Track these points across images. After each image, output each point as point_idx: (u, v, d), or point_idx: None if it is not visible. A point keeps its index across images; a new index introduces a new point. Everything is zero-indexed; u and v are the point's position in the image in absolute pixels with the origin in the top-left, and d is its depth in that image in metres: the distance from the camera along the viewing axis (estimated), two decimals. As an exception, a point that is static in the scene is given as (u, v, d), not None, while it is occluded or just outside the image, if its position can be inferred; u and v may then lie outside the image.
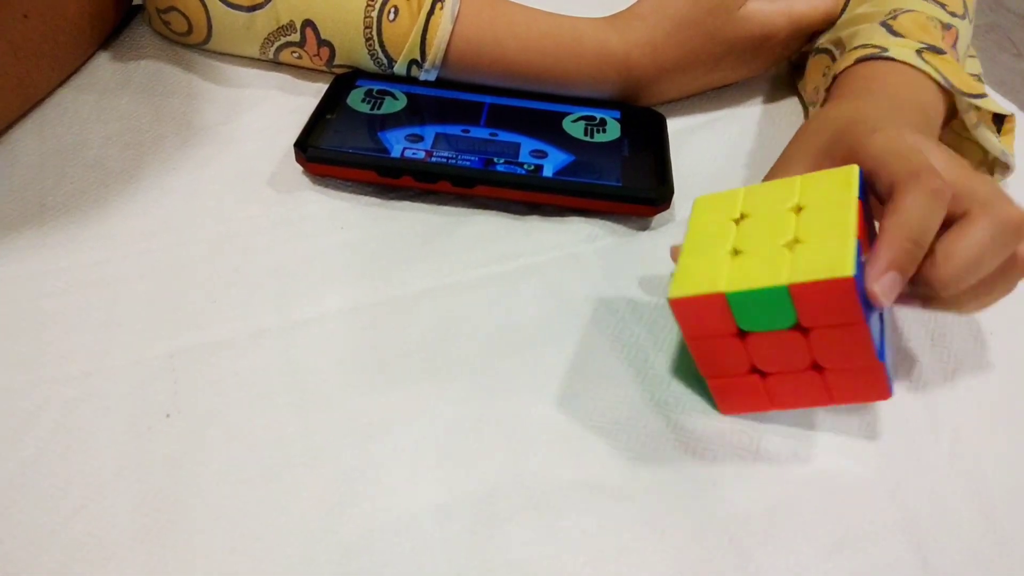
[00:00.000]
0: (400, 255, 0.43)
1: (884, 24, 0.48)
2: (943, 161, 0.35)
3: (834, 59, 0.51)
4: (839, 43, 0.51)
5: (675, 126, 0.52)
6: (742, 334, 0.33)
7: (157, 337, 0.39)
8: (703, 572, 0.32)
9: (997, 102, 0.45)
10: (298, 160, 0.46)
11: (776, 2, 0.51)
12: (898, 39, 0.47)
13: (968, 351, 0.41)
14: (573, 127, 0.49)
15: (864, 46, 0.47)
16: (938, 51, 0.46)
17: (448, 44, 0.49)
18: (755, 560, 0.32)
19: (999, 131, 0.46)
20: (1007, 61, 1.89)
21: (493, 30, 0.49)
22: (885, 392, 0.33)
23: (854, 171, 0.34)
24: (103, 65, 0.54)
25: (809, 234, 0.32)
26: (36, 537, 0.32)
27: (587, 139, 0.48)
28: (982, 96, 0.45)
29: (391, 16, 0.48)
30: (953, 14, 0.50)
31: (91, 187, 0.45)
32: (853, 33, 0.50)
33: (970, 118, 0.46)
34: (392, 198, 0.46)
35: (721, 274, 0.33)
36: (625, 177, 0.46)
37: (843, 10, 0.54)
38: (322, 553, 0.32)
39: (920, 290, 0.34)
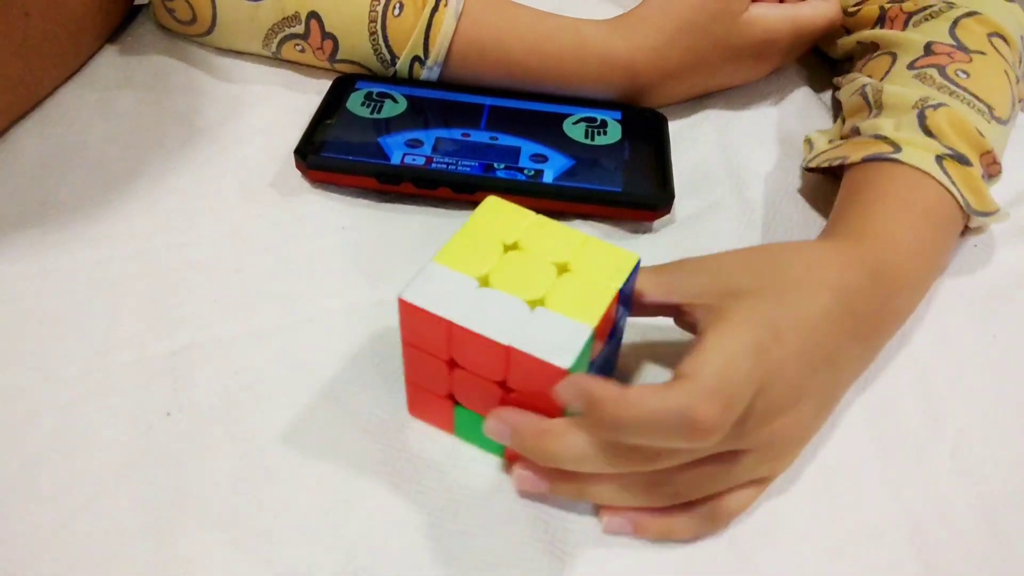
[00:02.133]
0: (400, 255, 0.43)
1: (920, 114, 0.43)
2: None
3: (870, 108, 0.47)
4: (879, 103, 0.46)
5: (676, 127, 0.52)
6: (453, 363, 0.32)
7: (158, 336, 0.39)
8: (703, 572, 0.32)
9: (1008, 213, 0.43)
10: (298, 167, 0.46)
11: (779, 7, 0.51)
12: (924, 139, 0.42)
13: (971, 352, 0.41)
14: (574, 130, 0.49)
15: (880, 138, 0.43)
16: (965, 161, 0.42)
17: (451, 42, 0.49)
18: (755, 560, 0.32)
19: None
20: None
21: (497, 30, 0.49)
22: None
23: (632, 262, 0.33)
24: (105, 64, 0.54)
25: (555, 301, 0.31)
26: (38, 536, 0.32)
27: (588, 142, 0.48)
28: (995, 213, 0.42)
29: (396, 11, 0.48)
30: (999, 119, 0.45)
31: (92, 186, 0.45)
32: (889, 105, 0.45)
33: (973, 220, 0.43)
34: (393, 198, 0.46)
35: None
36: (626, 181, 0.46)
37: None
38: (323, 552, 0.32)
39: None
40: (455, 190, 0.45)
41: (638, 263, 0.33)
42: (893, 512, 0.34)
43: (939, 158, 0.42)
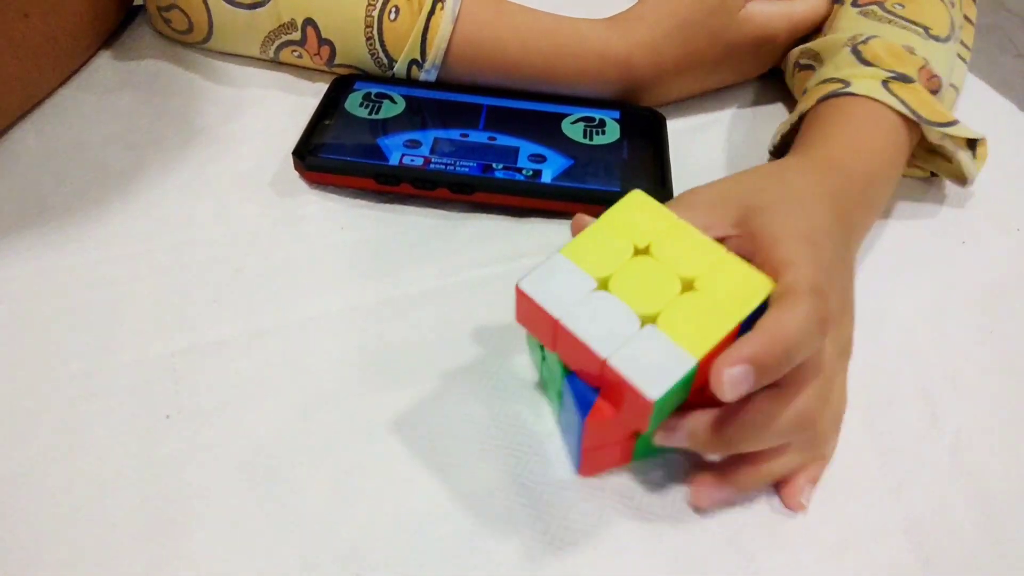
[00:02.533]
0: (400, 255, 0.43)
1: (854, 50, 0.47)
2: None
3: (812, 69, 0.50)
4: (818, 58, 0.50)
5: (675, 126, 0.52)
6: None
7: (158, 337, 0.39)
8: (703, 572, 0.32)
9: (968, 127, 0.44)
10: (296, 168, 0.46)
11: (777, 4, 0.51)
12: (865, 69, 0.45)
13: (968, 350, 0.41)
14: (572, 129, 0.49)
15: (829, 80, 0.46)
16: (907, 79, 0.45)
17: (449, 44, 0.49)
18: (755, 560, 0.32)
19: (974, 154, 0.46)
20: (1008, 62, 1.89)
21: (494, 30, 0.49)
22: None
23: (765, 291, 0.31)
24: (104, 65, 0.54)
25: (669, 320, 0.30)
26: (38, 536, 0.32)
27: (586, 142, 0.48)
28: (953, 124, 0.44)
29: (392, 15, 0.48)
30: (936, 37, 0.48)
31: (91, 187, 0.46)
32: (826, 53, 0.49)
33: (946, 146, 0.45)
34: (392, 199, 0.46)
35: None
36: (624, 181, 0.46)
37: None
38: (322, 553, 0.32)
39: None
40: (453, 190, 0.45)
41: (771, 293, 0.31)
42: (892, 511, 0.34)
43: (884, 83, 0.44)
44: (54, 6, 0.49)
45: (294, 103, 0.51)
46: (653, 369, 0.29)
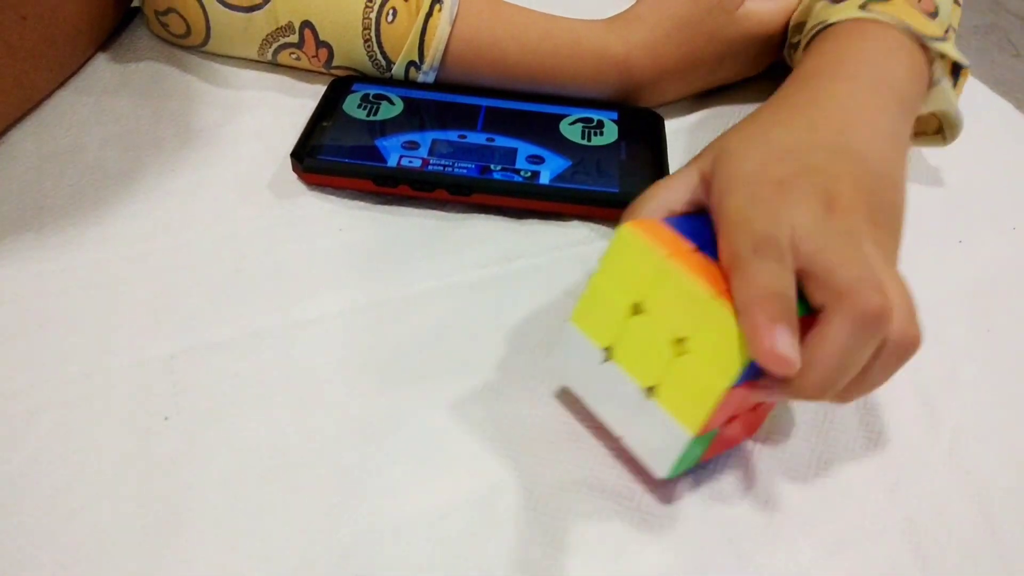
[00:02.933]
0: (399, 256, 0.43)
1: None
2: (808, 225, 0.30)
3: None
4: (802, 28, 0.49)
5: (673, 126, 0.52)
6: None
7: (157, 338, 0.39)
8: (703, 572, 0.32)
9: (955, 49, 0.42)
10: (295, 170, 0.46)
11: (774, 1, 0.51)
12: (841, 4, 0.44)
13: (964, 348, 0.41)
14: (570, 130, 0.49)
15: (810, 30, 0.45)
16: None
17: (447, 45, 0.49)
18: (755, 560, 0.32)
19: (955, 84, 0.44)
20: (1006, 61, 1.89)
21: (492, 31, 0.49)
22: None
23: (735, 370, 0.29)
24: (101, 67, 0.54)
25: (667, 391, 0.31)
26: (36, 537, 0.32)
27: (584, 143, 0.48)
28: (943, 40, 0.41)
29: (389, 17, 0.48)
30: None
31: (90, 189, 0.46)
32: (807, 16, 0.47)
33: (936, 69, 0.42)
34: (390, 200, 0.46)
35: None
36: (622, 182, 0.46)
37: None
38: (322, 553, 0.32)
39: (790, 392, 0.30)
40: (452, 192, 0.45)
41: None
42: (890, 510, 0.34)
43: (862, 6, 0.42)
44: (51, 9, 0.49)
45: (292, 105, 0.51)
46: (658, 447, 0.31)
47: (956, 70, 0.44)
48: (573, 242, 0.45)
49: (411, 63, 0.50)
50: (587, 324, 0.33)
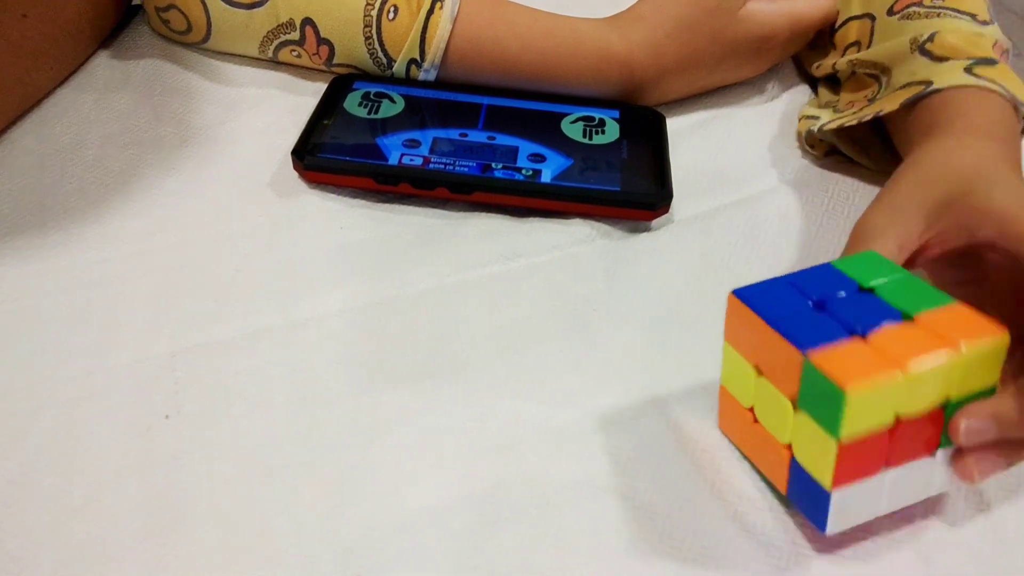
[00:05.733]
0: (400, 255, 0.43)
1: (922, 51, 0.45)
2: None
3: (880, 84, 0.49)
4: (878, 67, 0.49)
5: (675, 125, 0.52)
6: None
7: (157, 337, 0.39)
8: (703, 572, 0.32)
9: None
10: (296, 168, 0.46)
11: (777, 2, 0.51)
12: (942, 65, 0.44)
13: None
14: (571, 129, 0.49)
15: (908, 85, 0.45)
16: (990, 62, 0.44)
17: (448, 43, 0.49)
18: (755, 560, 0.32)
19: None
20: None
21: (493, 30, 0.49)
22: None
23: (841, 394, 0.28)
24: (102, 65, 0.54)
25: (799, 449, 0.31)
26: (37, 536, 0.32)
27: (586, 141, 0.48)
28: None
29: (391, 15, 0.48)
30: (984, 23, 0.47)
31: (90, 187, 0.45)
32: (891, 61, 0.48)
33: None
34: (392, 199, 0.46)
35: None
36: (624, 181, 0.46)
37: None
38: (322, 553, 0.32)
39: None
40: (453, 190, 0.45)
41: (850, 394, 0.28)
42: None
43: (967, 70, 0.43)
44: (52, 6, 0.48)
45: (293, 103, 0.51)
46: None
47: None
48: (574, 241, 0.45)
49: (412, 61, 0.50)
50: (732, 386, 0.34)
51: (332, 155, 0.46)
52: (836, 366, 0.28)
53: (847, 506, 0.31)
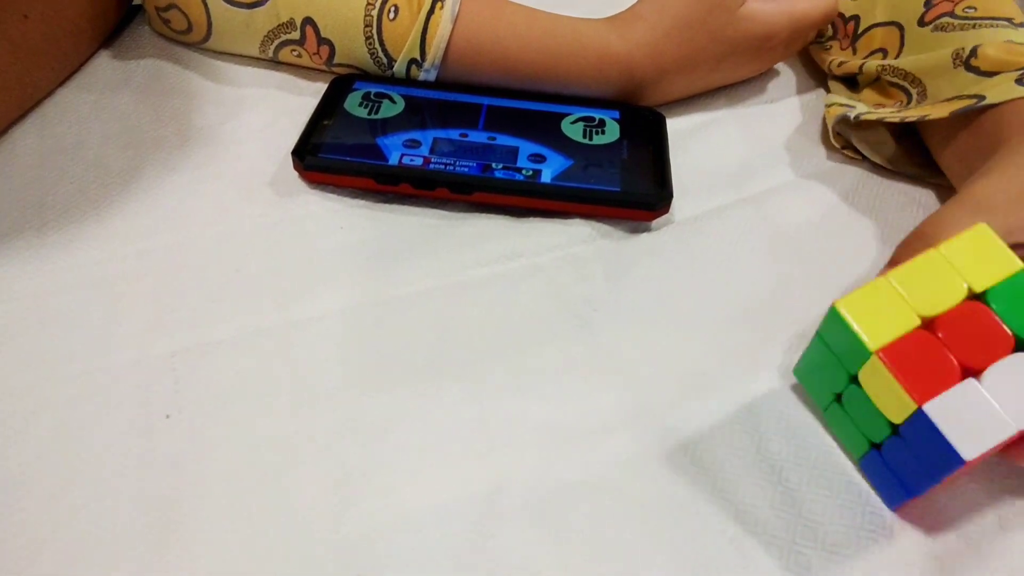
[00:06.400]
0: (400, 255, 0.43)
1: (968, 67, 0.45)
2: None
3: (909, 96, 0.48)
4: (909, 78, 0.48)
5: (675, 126, 0.52)
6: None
7: (157, 336, 0.39)
8: (703, 572, 0.32)
9: None
10: (296, 168, 0.46)
11: (777, 1, 0.51)
12: (991, 79, 0.44)
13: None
14: (572, 129, 0.49)
15: (956, 98, 0.44)
16: None
17: (448, 43, 0.49)
18: (755, 560, 0.32)
19: None
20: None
21: (493, 30, 0.49)
22: None
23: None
24: (103, 65, 0.54)
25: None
26: (37, 536, 0.32)
27: (586, 142, 0.48)
28: None
29: (391, 15, 0.48)
30: (1021, 25, 0.47)
31: (91, 186, 0.46)
32: (928, 75, 0.47)
33: None
34: (392, 199, 0.46)
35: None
36: (624, 181, 0.46)
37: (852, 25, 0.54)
38: (322, 553, 0.32)
39: None
40: (453, 191, 0.45)
41: None
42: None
43: (1019, 80, 0.42)
44: (53, 6, 0.48)
45: (293, 103, 0.51)
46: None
47: None
48: (575, 241, 0.45)
49: (412, 61, 0.50)
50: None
51: (332, 155, 0.46)
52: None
53: (958, 424, 0.30)
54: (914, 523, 0.34)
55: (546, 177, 0.45)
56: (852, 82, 0.54)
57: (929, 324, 0.32)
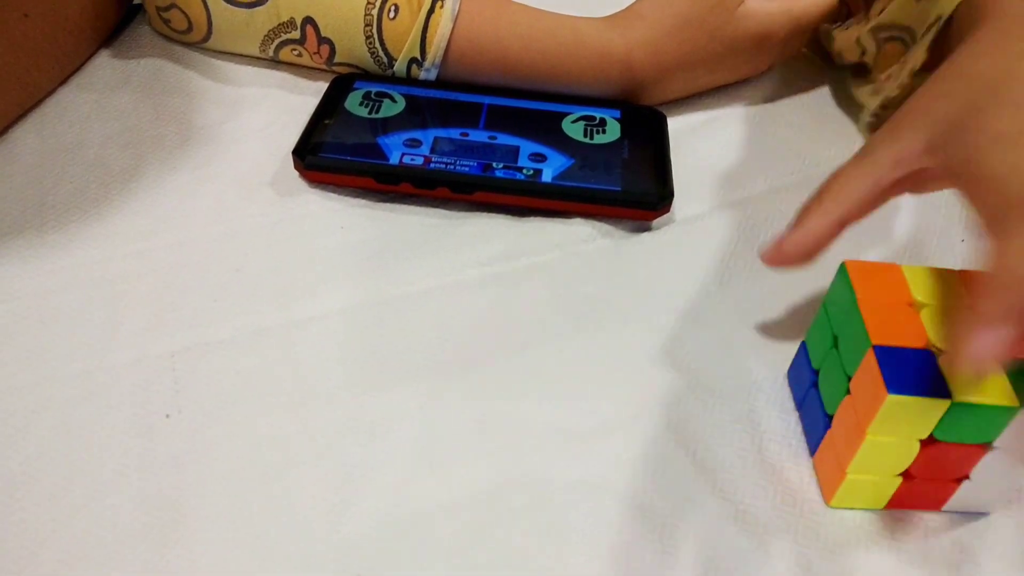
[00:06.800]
0: (400, 255, 0.43)
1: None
2: None
3: (907, 45, 0.47)
4: (897, 27, 0.48)
5: (676, 125, 0.52)
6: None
7: (158, 336, 0.39)
8: (703, 572, 0.32)
9: None
10: (296, 167, 0.46)
11: (776, 1, 0.51)
12: None
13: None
14: (572, 128, 0.49)
15: (926, 31, 0.43)
16: None
17: (448, 43, 0.49)
18: (755, 560, 0.32)
19: None
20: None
21: (494, 29, 0.49)
22: None
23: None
24: (103, 64, 0.54)
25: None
26: (37, 536, 0.32)
27: (587, 141, 0.48)
28: None
29: (391, 14, 0.48)
30: None
31: (91, 186, 0.46)
32: (915, 22, 0.46)
33: None
34: (392, 198, 0.46)
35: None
36: (625, 180, 0.46)
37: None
38: (322, 553, 0.32)
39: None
40: (454, 190, 0.45)
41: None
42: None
43: None
44: (54, 6, 0.48)
45: (294, 102, 0.51)
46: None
47: None
48: (575, 240, 0.45)
49: (413, 60, 0.50)
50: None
51: (333, 154, 0.46)
52: None
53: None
54: (915, 523, 0.34)
55: (547, 176, 0.45)
56: (861, 68, 0.53)
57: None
